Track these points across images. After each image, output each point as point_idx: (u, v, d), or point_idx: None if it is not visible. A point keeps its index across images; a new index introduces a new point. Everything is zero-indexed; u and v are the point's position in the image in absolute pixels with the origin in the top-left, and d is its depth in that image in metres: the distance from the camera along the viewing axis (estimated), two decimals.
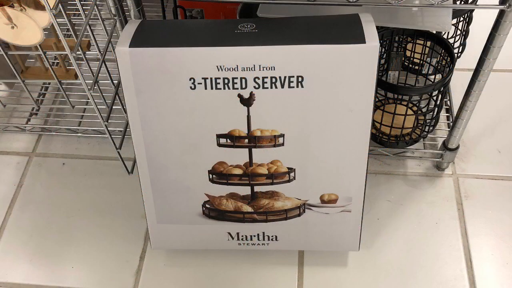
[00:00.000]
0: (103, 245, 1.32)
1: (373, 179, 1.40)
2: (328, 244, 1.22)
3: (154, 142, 1.07)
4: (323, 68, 0.96)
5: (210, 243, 1.23)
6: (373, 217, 1.33)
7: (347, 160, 1.08)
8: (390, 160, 1.44)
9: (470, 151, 1.44)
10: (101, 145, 1.52)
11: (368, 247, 1.28)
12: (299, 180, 1.11)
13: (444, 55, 1.31)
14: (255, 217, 1.17)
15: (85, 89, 1.09)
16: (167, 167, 1.10)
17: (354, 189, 1.12)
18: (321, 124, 1.03)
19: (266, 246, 1.23)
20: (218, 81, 0.98)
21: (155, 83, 0.99)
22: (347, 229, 1.18)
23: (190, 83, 0.99)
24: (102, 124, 1.16)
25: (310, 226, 1.18)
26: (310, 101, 1.00)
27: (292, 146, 1.06)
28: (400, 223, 1.32)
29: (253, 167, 1.09)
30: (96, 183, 1.43)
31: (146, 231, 1.33)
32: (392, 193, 1.38)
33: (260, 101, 1.00)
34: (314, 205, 1.15)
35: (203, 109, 1.02)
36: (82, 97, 1.56)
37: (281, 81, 0.98)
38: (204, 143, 1.06)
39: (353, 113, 1.01)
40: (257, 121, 1.03)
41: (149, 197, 1.15)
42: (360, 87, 0.98)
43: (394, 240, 1.29)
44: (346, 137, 1.05)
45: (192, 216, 1.18)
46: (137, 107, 1.02)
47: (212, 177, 1.11)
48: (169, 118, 1.03)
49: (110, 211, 1.37)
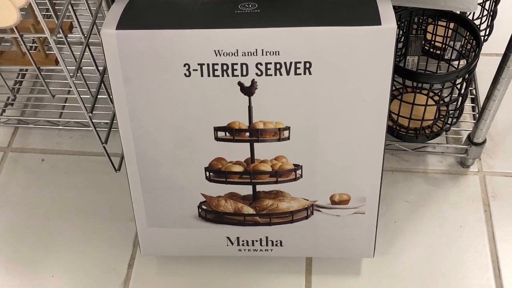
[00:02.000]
0: (87, 251, 1.32)
1: (390, 177, 1.40)
2: (339, 250, 1.22)
3: (144, 136, 1.07)
4: (333, 53, 0.97)
5: (206, 248, 1.23)
6: (390, 219, 1.33)
7: (361, 156, 1.08)
8: (408, 156, 1.44)
9: (499, 145, 1.45)
10: (85, 139, 1.52)
11: (383, 254, 1.28)
12: (306, 179, 1.11)
13: (469, 38, 1.31)
14: (257, 219, 1.17)
15: (66, 77, 1.09)
16: (158, 163, 1.11)
17: (369, 189, 1.13)
18: (331, 116, 1.03)
19: (269, 252, 1.23)
20: (216, 68, 0.98)
21: (145, 69, 0.99)
22: (360, 233, 1.19)
23: (185, 69, 0.99)
24: (86, 115, 1.17)
25: (319, 229, 1.18)
26: (318, 90, 1.00)
27: (298, 140, 1.06)
28: (419, 226, 1.33)
29: (255, 163, 1.10)
30: (79, 182, 1.44)
31: (135, 235, 1.33)
32: (410, 193, 1.38)
33: (263, 90, 1.00)
34: (323, 207, 1.15)
35: (199, 99, 1.02)
36: (63, 85, 1.56)
37: (286, 68, 0.98)
38: (200, 137, 1.07)
39: (367, 104, 1.02)
40: (259, 112, 1.03)
41: (139, 197, 1.16)
42: (375, 74, 0.99)
43: (413, 246, 1.30)
44: (359, 130, 1.05)
45: (187, 218, 1.18)
46: (125, 97, 1.03)
47: (209, 175, 1.12)
48: (161, 108, 1.04)
49: (95, 213, 1.38)
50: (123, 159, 1.11)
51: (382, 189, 1.13)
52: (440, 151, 1.43)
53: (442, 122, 1.37)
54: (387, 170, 1.41)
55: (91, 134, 1.51)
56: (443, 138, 1.44)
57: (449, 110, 1.37)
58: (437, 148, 1.43)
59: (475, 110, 1.47)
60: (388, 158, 1.43)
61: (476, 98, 1.48)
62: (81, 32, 1.16)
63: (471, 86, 1.50)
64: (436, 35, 1.41)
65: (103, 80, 1.21)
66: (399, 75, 1.25)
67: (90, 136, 1.52)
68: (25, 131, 1.55)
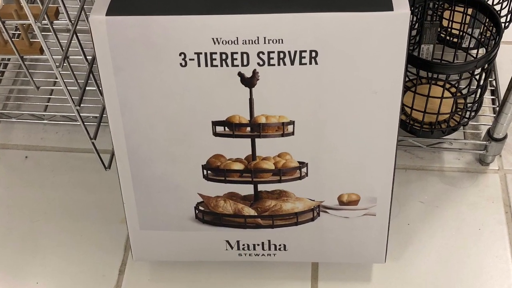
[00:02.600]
0: (75, 255, 1.32)
1: (403, 175, 1.40)
2: (347, 255, 1.22)
3: (136, 131, 1.07)
4: (341, 41, 0.96)
5: (204, 253, 1.23)
6: (403, 221, 1.34)
7: (371, 153, 1.08)
8: (423, 152, 1.44)
9: None
10: (72, 135, 1.52)
11: (396, 259, 1.29)
12: (312, 177, 1.11)
13: (489, 25, 1.31)
14: (259, 221, 1.17)
15: (52, 67, 1.09)
16: (152, 160, 1.11)
17: (380, 188, 1.13)
18: (339, 109, 1.03)
19: (272, 257, 1.23)
20: (214, 57, 0.98)
21: (137, 59, 0.99)
22: (370, 236, 1.19)
23: (180, 59, 0.99)
24: (73, 108, 1.17)
25: (325, 232, 1.19)
26: (325, 81, 1.00)
27: (304, 135, 1.06)
28: (435, 229, 1.33)
29: (257, 161, 1.10)
30: (65, 181, 1.44)
31: (126, 238, 1.34)
32: (425, 193, 1.38)
33: (265, 81, 1.00)
34: (330, 208, 1.15)
35: (195, 91, 1.02)
36: (48, 76, 1.56)
37: (290, 57, 0.98)
38: (197, 132, 1.07)
39: (378, 96, 1.01)
40: (261, 105, 1.03)
41: (130, 197, 1.16)
42: (387, 64, 0.98)
43: (427, 250, 1.30)
44: (369, 125, 1.05)
45: (183, 220, 1.18)
46: (116, 88, 1.03)
47: (207, 174, 1.12)
48: (155, 101, 1.04)
49: (83, 215, 1.38)
50: (114, 156, 1.11)
51: (395, 188, 1.13)
52: (457, 147, 1.43)
53: (459, 116, 1.37)
54: (400, 168, 1.41)
55: (79, 129, 1.51)
56: (461, 133, 1.45)
57: (467, 103, 1.37)
58: (454, 144, 1.43)
59: (495, 103, 1.47)
60: (400, 155, 1.43)
61: (496, 89, 1.48)
62: (68, 18, 1.16)
63: (491, 77, 1.50)
64: (453, 22, 1.41)
65: (92, 70, 1.21)
66: (413, 65, 1.25)
67: (78, 131, 1.52)
68: (7, 126, 1.55)
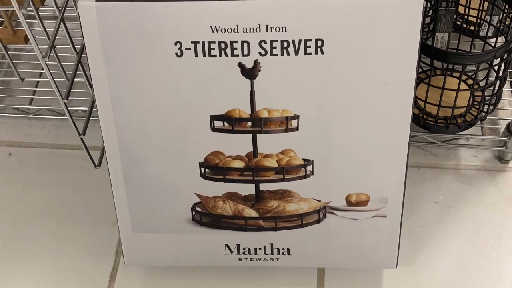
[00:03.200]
0: (62, 261, 1.32)
1: (416, 174, 1.40)
2: (356, 260, 1.22)
3: (129, 126, 1.07)
4: (349, 29, 0.96)
5: (201, 258, 1.24)
6: (416, 223, 1.34)
7: (382, 150, 1.08)
8: (437, 149, 1.44)
9: None
10: (59, 130, 1.52)
11: (409, 264, 1.29)
12: (318, 176, 1.11)
13: (508, 12, 1.31)
14: (261, 223, 1.17)
15: (38, 57, 1.09)
16: (145, 158, 1.11)
17: (391, 188, 1.13)
18: (347, 103, 1.03)
19: (275, 262, 1.23)
20: (213, 46, 0.98)
21: (129, 48, 0.99)
22: (381, 239, 1.19)
23: (176, 48, 0.99)
24: (61, 102, 1.17)
25: (332, 235, 1.19)
26: (332, 73, 1.00)
27: (309, 131, 1.06)
28: (450, 231, 1.33)
29: (258, 158, 1.10)
30: (52, 180, 1.44)
31: (118, 242, 1.34)
32: (440, 193, 1.38)
33: (268, 72, 1.00)
34: (338, 209, 1.15)
35: (192, 83, 1.02)
36: (34, 67, 1.56)
37: (294, 46, 0.98)
38: (194, 127, 1.07)
39: (390, 88, 1.01)
40: (263, 98, 1.03)
41: (122, 198, 1.16)
42: (399, 54, 0.98)
43: (443, 254, 1.30)
44: (380, 120, 1.05)
45: (178, 222, 1.18)
46: (106, 80, 1.03)
47: (205, 172, 1.12)
48: (148, 94, 1.04)
49: (71, 217, 1.38)
50: (104, 153, 1.11)
51: (407, 188, 1.13)
52: (474, 143, 1.43)
53: (476, 110, 1.37)
54: (413, 166, 1.41)
55: (67, 124, 1.51)
56: (478, 128, 1.44)
57: (485, 96, 1.37)
58: (470, 140, 1.43)
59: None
60: (413, 151, 1.43)
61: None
62: (54, 4, 1.16)
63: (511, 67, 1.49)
64: (470, 8, 1.41)
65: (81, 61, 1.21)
66: (427, 55, 1.25)
67: (66, 126, 1.52)
68: None
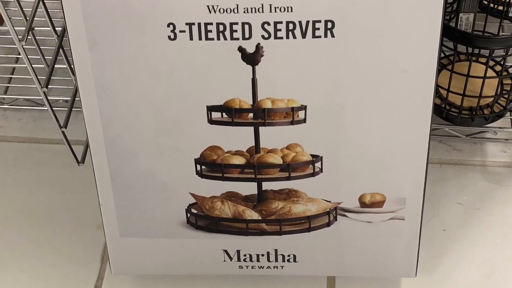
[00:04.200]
0: (41, 269, 1.32)
1: (437, 171, 1.41)
2: (370, 268, 1.23)
3: (116, 118, 1.08)
4: (363, 9, 0.97)
5: (197, 265, 1.24)
6: (437, 227, 1.34)
7: (399, 144, 1.08)
8: (462, 144, 1.45)
9: None
10: (38, 122, 1.53)
11: (429, 272, 1.29)
12: (328, 174, 1.12)
13: None
14: (264, 227, 1.17)
15: (14, 40, 1.09)
16: (134, 154, 1.11)
17: (409, 187, 1.13)
18: (360, 91, 1.03)
19: (279, 270, 1.23)
20: (210, 28, 0.98)
21: (116, 31, 0.99)
22: (398, 245, 1.19)
23: (169, 31, 0.99)
24: (40, 91, 1.17)
25: (344, 240, 1.19)
26: (344, 58, 1.00)
27: (318, 123, 1.07)
28: (476, 235, 1.33)
29: (261, 154, 1.10)
30: (30, 178, 1.44)
31: (104, 248, 1.34)
32: (464, 192, 1.38)
33: (271, 58, 1.01)
34: (350, 210, 1.15)
35: (187, 69, 1.02)
36: (9, 51, 1.57)
37: (301, 28, 0.98)
38: (189, 120, 1.07)
39: (408, 75, 1.02)
40: (266, 86, 1.03)
41: (108, 198, 1.16)
42: (418, 37, 0.99)
43: (467, 261, 1.30)
44: (397, 111, 1.05)
45: (172, 226, 1.18)
46: (91, 67, 1.03)
47: (201, 169, 1.12)
48: (138, 82, 1.04)
49: (51, 219, 1.38)
50: (88, 148, 1.11)
51: (428, 187, 1.13)
52: (502, 137, 1.43)
53: (505, 100, 1.37)
54: (434, 162, 1.42)
55: (46, 115, 1.51)
56: (507, 120, 1.45)
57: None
58: (499, 134, 1.43)
59: None
60: (435, 146, 1.43)
61: None
62: None
63: None
64: None
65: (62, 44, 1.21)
66: (450, 38, 1.25)
67: (45, 118, 1.52)
68: None
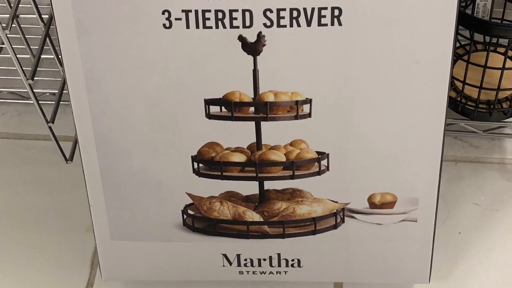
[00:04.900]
0: (26, 274, 1.33)
1: (453, 169, 1.41)
2: (380, 273, 1.23)
3: (106, 112, 1.08)
4: None
5: (194, 270, 1.24)
6: (452, 229, 1.34)
7: (411, 141, 1.08)
8: (479, 140, 1.45)
9: None
10: (23, 117, 1.53)
11: (444, 278, 1.29)
12: (335, 172, 1.12)
13: None
14: (266, 229, 1.18)
15: None
16: (126, 151, 1.11)
17: (422, 186, 1.13)
18: (369, 84, 1.03)
19: (283, 276, 1.24)
20: (208, 16, 0.99)
21: (107, 18, 1.00)
22: (411, 249, 1.19)
23: (164, 18, 0.99)
24: (25, 83, 1.17)
25: (352, 244, 1.19)
26: (352, 48, 1.00)
27: (324, 118, 1.07)
28: (494, 239, 1.33)
29: (263, 151, 1.10)
30: (15, 177, 1.44)
31: (94, 252, 1.34)
32: (482, 192, 1.38)
33: (274, 47, 1.01)
34: (359, 211, 1.16)
35: (183, 60, 1.02)
36: None
37: (306, 16, 0.98)
38: (186, 114, 1.07)
39: (421, 66, 1.02)
40: (269, 78, 1.04)
41: (99, 198, 1.16)
42: (432, 26, 0.99)
43: (485, 267, 1.30)
44: (409, 104, 1.05)
45: (167, 228, 1.19)
46: (80, 57, 1.03)
47: (198, 167, 1.12)
48: (130, 74, 1.04)
49: (37, 221, 1.38)
50: (77, 144, 1.11)
51: (442, 186, 1.13)
52: None
53: None
54: (449, 159, 1.42)
55: (32, 109, 1.51)
56: None
57: None
58: None
59: None
60: (449, 142, 1.43)
61: None
62: None
63: None
64: None
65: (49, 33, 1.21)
66: (466, 26, 1.25)
67: (31, 112, 1.52)
68: None
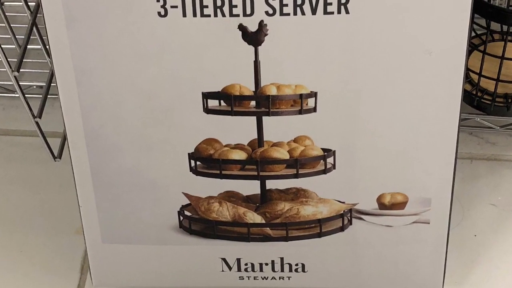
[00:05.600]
0: (12, 279, 1.33)
1: (467, 167, 1.41)
2: (390, 279, 1.23)
3: (97, 106, 1.08)
4: None
5: (192, 276, 1.25)
6: (467, 232, 1.34)
7: (424, 137, 1.09)
8: (495, 136, 1.45)
9: None
10: (8, 111, 1.53)
11: (458, 284, 1.29)
12: (342, 171, 1.12)
13: None
14: (268, 232, 1.18)
15: None
16: (118, 147, 1.12)
17: (435, 186, 1.13)
18: (378, 76, 1.04)
19: (286, 282, 1.24)
20: (206, 3, 0.99)
21: (98, 6, 1.00)
22: (423, 252, 1.20)
23: (158, 6, 0.99)
24: (10, 75, 1.17)
25: (360, 247, 1.19)
26: (360, 37, 1.01)
27: (330, 112, 1.07)
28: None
29: (265, 148, 1.10)
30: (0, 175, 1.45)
31: (83, 255, 1.34)
32: (499, 192, 1.38)
33: (276, 37, 1.01)
34: (367, 213, 1.16)
35: (179, 51, 1.03)
36: None
37: (311, 3, 0.98)
38: (182, 108, 1.07)
39: (434, 57, 1.02)
40: (271, 70, 1.04)
41: (89, 198, 1.16)
42: (446, 14, 0.99)
43: (502, 272, 1.30)
44: (421, 98, 1.05)
45: (162, 230, 1.19)
46: (69, 47, 1.03)
47: (196, 165, 1.13)
48: (123, 65, 1.04)
49: (23, 223, 1.38)
50: (66, 141, 1.11)
51: (456, 186, 1.13)
52: None
53: None
54: (464, 157, 1.42)
55: (18, 103, 1.52)
56: None
57: None
58: None
59: None
60: (464, 139, 1.43)
61: None
62: None
63: None
64: None
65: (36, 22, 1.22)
66: (481, 14, 1.25)
67: (16, 106, 1.53)
68: None
